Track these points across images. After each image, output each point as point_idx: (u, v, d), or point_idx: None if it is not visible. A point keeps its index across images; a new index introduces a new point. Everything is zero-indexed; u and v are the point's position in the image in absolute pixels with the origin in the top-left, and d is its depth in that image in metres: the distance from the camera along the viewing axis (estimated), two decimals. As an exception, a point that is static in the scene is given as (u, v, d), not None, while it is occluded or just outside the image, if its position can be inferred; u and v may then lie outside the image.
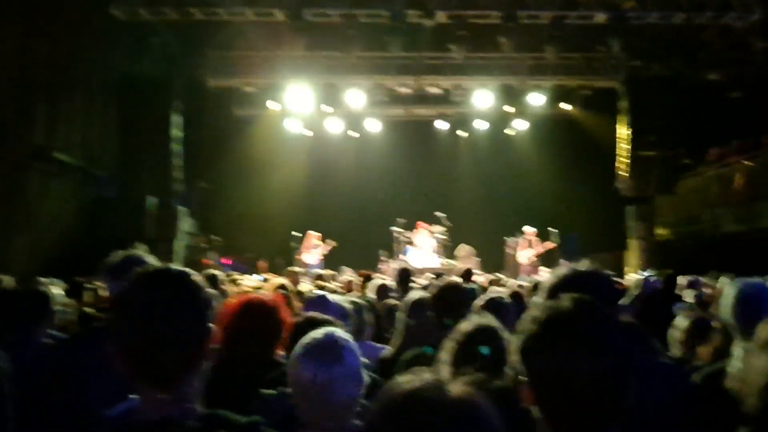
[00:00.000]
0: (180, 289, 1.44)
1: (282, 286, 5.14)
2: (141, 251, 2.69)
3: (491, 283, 8.43)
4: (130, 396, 1.55)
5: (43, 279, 4.58)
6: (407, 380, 1.08)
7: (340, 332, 2.10)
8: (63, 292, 4.20)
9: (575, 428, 1.31)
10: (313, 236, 14.77)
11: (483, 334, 2.47)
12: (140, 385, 1.40)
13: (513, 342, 1.44)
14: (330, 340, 2.03)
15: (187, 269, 1.53)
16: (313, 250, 14.64)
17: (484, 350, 2.35)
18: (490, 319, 2.60)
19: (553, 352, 1.31)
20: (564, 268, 2.20)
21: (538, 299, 2.09)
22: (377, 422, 1.07)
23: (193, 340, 1.41)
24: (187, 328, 1.40)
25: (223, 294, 5.77)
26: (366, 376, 2.04)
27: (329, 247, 14.63)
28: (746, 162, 12.87)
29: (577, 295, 1.44)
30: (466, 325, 2.51)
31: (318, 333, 2.07)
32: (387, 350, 3.68)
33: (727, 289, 2.66)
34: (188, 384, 1.41)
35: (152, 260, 2.55)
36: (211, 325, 1.46)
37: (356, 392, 1.98)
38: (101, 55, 12.64)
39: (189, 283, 1.46)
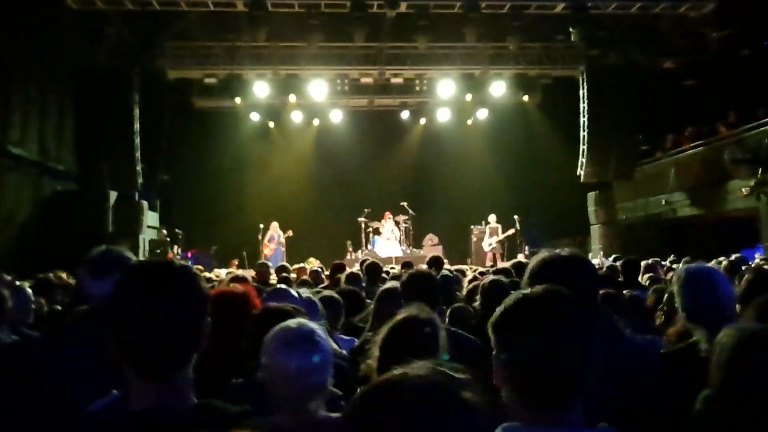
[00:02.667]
0: (180, 282, 1.45)
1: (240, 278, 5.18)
2: (121, 247, 2.66)
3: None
4: (112, 390, 1.55)
5: (6, 276, 4.49)
6: (404, 369, 1.11)
7: (312, 323, 2.14)
8: (30, 290, 4.11)
9: (538, 403, 1.41)
10: (273, 227, 14.73)
11: (408, 324, 2.45)
12: (135, 377, 1.41)
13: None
14: (304, 330, 2.08)
15: (187, 264, 1.55)
16: (272, 241, 14.61)
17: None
18: (421, 309, 2.55)
19: (518, 331, 1.44)
20: (545, 252, 2.24)
21: (524, 282, 2.14)
22: (361, 409, 1.09)
23: (191, 333, 1.43)
24: (186, 321, 1.42)
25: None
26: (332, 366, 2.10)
27: (286, 237, 14.63)
28: (700, 148, 13.24)
29: (551, 285, 1.54)
30: (397, 317, 2.48)
31: (291, 323, 2.11)
32: (358, 342, 3.70)
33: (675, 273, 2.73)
34: (183, 375, 1.43)
35: (131, 255, 2.54)
36: (205, 318, 1.47)
37: (326, 379, 2.05)
38: (56, 47, 12.31)
39: (189, 278, 1.47)
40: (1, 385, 2.75)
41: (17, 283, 4.38)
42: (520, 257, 11.55)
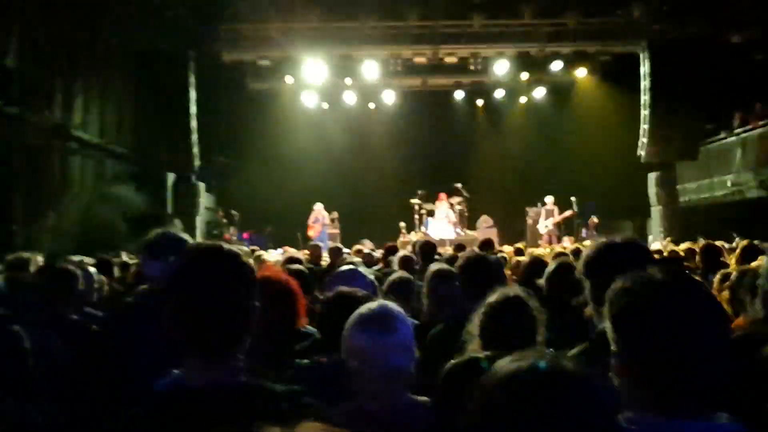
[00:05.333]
0: (232, 266, 1.52)
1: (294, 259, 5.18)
2: (176, 229, 2.69)
3: (516, 253, 8.41)
4: (173, 370, 1.58)
5: (74, 257, 4.61)
6: (513, 362, 1.08)
7: (392, 305, 2.14)
8: (95, 270, 4.23)
9: (669, 399, 1.31)
10: (318, 208, 14.83)
11: (509, 305, 2.47)
12: (190, 355, 1.49)
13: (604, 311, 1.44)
14: (384, 311, 2.08)
15: (237, 248, 1.61)
16: (316, 222, 14.72)
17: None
18: (516, 290, 2.59)
19: (664, 326, 1.30)
20: (602, 239, 2.18)
21: (580, 269, 2.08)
22: (490, 400, 1.05)
23: (240, 315, 1.51)
24: (236, 303, 1.50)
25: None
26: (416, 349, 2.09)
27: (331, 218, 14.72)
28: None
29: (666, 268, 1.44)
30: (492, 297, 2.51)
31: (373, 304, 2.12)
32: (416, 322, 3.66)
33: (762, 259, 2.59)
34: (234, 356, 1.50)
35: (187, 237, 2.55)
36: (256, 301, 1.54)
37: (408, 363, 2.04)
38: (116, 32, 12.59)
39: (240, 262, 1.54)
40: (69, 363, 2.84)
41: (83, 263, 4.49)
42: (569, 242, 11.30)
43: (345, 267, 3.66)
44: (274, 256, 9.18)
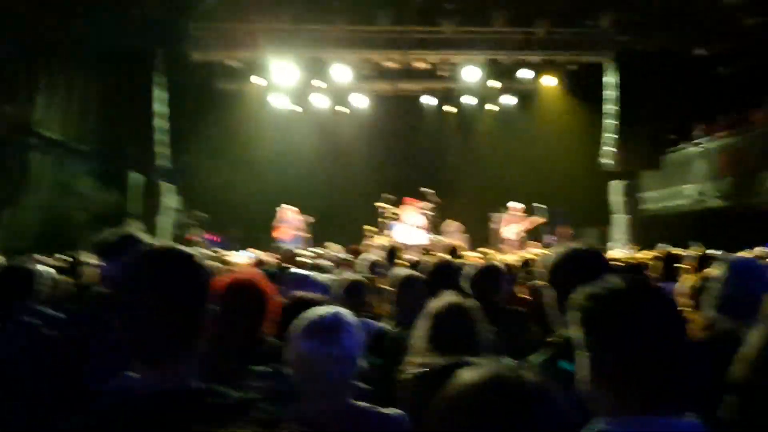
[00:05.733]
0: (182, 268, 1.48)
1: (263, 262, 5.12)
2: (134, 229, 2.64)
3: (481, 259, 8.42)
4: (127, 372, 1.55)
5: (37, 256, 4.51)
6: (476, 369, 1.08)
7: (343, 311, 2.10)
8: (54, 270, 4.12)
9: (642, 401, 1.35)
10: (289, 210, 14.72)
11: (454, 311, 2.49)
12: (138, 360, 1.44)
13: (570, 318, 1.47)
14: (333, 319, 2.04)
15: (190, 249, 1.57)
16: (288, 224, 14.61)
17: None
18: (459, 297, 2.64)
19: (623, 328, 1.37)
20: (562, 246, 2.23)
21: (543, 277, 2.11)
22: (452, 411, 1.05)
23: (190, 319, 1.46)
24: (185, 307, 1.45)
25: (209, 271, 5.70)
26: (362, 359, 2.06)
27: (306, 222, 14.62)
28: (732, 138, 12.94)
29: (629, 276, 1.51)
30: (436, 304, 2.54)
31: (322, 310, 2.08)
32: (381, 326, 3.65)
33: (716, 267, 2.70)
34: (185, 361, 1.45)
35: (146, 238, 2.50)
36: (209, 305, 1.50)
37: (351, 372, 2.01)
38: (81, 28, 12.34)
39: (191, 264, 1.50)
40: (23, 364, 2.77)
41: (40, 262, 4.38)
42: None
43: (295, 270, 3.65)
44: (240, 258, 9.09)
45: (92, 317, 2.51)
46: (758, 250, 6.74)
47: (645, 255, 7.60)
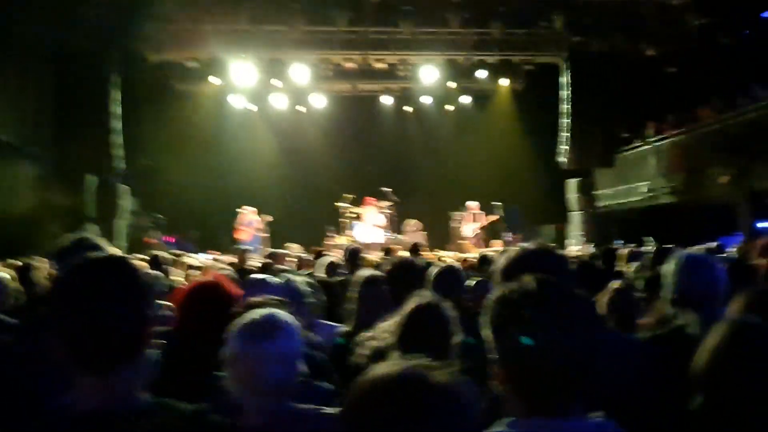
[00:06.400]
0: (116, 275, 1.42)
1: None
2: (90, 233, 2.61)
3: (439, 259, 8.55)
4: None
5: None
6: (387, 366, 1.10)
7: (281, 313, 2.06)
8: (9, 276, 4.03)
9: (546, 403, 1.35)
10: (248, 212, 14.63)
11: (427, 312, 2.49)
12: (78, 374, 1.38)
13: (482, 321, 1.47)
14: (267, 320, 2.00)
15: (125, 255, 1.52)
16: (248, 226, 14.52)
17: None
18: (432, 297, 2.62)
19: (526, 330, 1.34)
20: (515, 247, 2.24)
21: (496, 278, 2.13)
22: (357, 407, 1.08)
23: (130, 327, 1.40)
24: (123, 315, 1.39)
25: (167, 274, 5.67)
26: (301, 363, 2.00)
27: (264, 222, 14.55)
28: (681, 135, 13.33)
29: (539, 275, 1.47)
30: (410, 304, 2.52)
31: (258, 312, 2.04)
32: (342, 328, 3.68)
33: (669, 260, 2.74)
34: (128, 372, 1.39)
35: (103, 243, 2.49)
36: (151, 312, 1.46)
37: (287, 374, 1.95)
38: (34, 28, 12.05)
39: (126, 270, 1.45)
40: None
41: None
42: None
43: (254, 276, 3.64)
44: (200, 260, 9.03)
45: (44, 327, 2.44)
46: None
47: (589, 252, 7.80)
